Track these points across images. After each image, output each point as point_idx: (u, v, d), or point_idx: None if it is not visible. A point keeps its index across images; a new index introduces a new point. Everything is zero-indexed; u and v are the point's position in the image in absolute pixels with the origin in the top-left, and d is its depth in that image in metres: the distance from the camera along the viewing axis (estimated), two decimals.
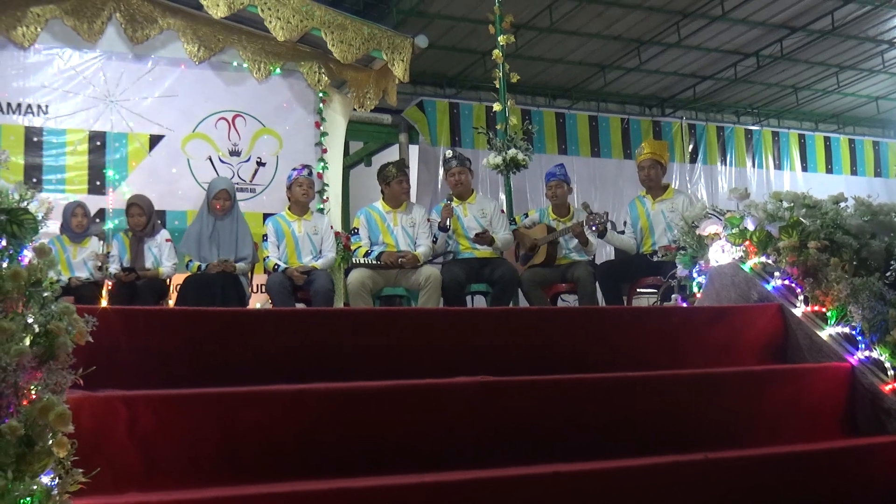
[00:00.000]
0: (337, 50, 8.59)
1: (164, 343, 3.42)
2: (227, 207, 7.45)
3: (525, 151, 8.18)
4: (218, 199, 7.41)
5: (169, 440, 2.84)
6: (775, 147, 16.36)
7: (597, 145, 14.96)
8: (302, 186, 7.40)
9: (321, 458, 3.01)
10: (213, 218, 7.41)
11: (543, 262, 7.30)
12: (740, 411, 3.69)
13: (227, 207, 7.45)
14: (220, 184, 7.61)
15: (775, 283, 4.46)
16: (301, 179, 7.41)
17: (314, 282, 6.96)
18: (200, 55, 8.59)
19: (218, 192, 7.45)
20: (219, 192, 7.45)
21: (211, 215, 7.42)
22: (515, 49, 11.52)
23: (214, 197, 7.43)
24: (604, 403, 3.49)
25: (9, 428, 2.23)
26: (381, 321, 4.00)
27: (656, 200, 7.11)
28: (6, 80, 8.09)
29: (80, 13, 8.17)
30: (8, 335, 2.37)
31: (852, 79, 15.71)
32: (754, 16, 13.16)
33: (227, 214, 7.44)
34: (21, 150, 8.03)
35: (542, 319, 4.29)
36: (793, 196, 4.72)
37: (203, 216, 7.47)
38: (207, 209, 7.46)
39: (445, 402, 3.28)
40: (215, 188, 7.51)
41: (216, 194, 7.44)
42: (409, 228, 7.13)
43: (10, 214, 2.69)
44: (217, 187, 7.52)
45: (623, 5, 12.59)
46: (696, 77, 15.41)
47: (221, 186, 7.54)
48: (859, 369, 3.88)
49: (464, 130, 13.76)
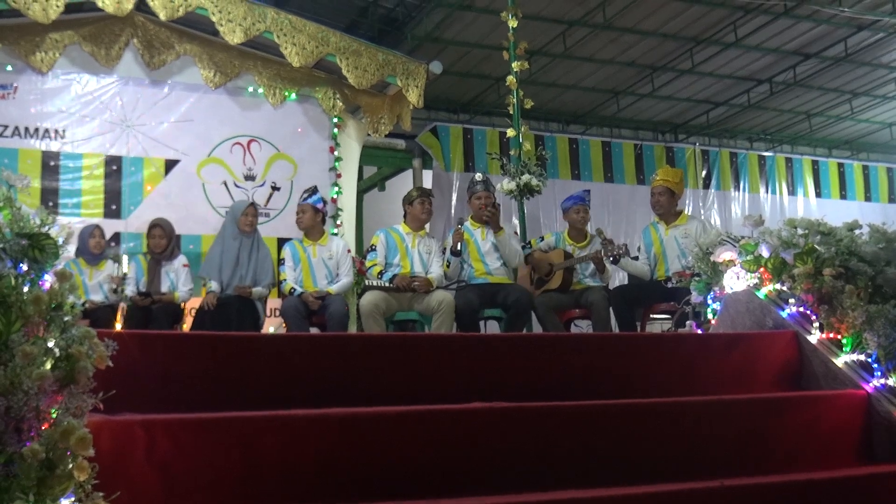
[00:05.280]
0: (352, 76, 8.65)
1: (182, 367, 3.43)
2: (255, 224, 7.54)
3: (539, 177, 8.19)
4: (247, 216, 7.48)
5: (187, 464, 2.85)
6: (789, 173, 16.34)
7: (610, 171, 14.98)
8: (297, 213, 7.51)
9: (338, 482, 3.02)
10: (237, 240, 7.44)
11: (559, 287, 7.29)
12: (756, 438, 3.68)
13: (255, 224, 7.54)
14: (243, 202, 7.74)
15: (790, 310, 4.44)
16: (304, 207, 7.48)
17: (329, 306, 6.97)
18: (216, 80, 8.65)
19: (247, 209, 7.53)
20: (247, 208, 7.54)
21: (234, 238, 7.45)
22: (529, 75, 11.60)
23: (243, 213, 7.49)
24: (619, 430, 3.48)
25: (30, 451, 2.25)
26: (395, 346, 4.01)
27: (670, 226, 7.11)
28: (24, 104, 8.16)
29: (98, 39, 8.25)
30: (29, 359, 2.39)
31: (866, 105, 15.74)
32: (767, 42, 13.22)
33: (252, 233, 7.50)
34: (38, 174, 8.08)
35: (556, 345, 4.29)
36: (807, 223, 4.71)
37: (225, 238, 7.50)
38: (233, 230, 7.49)
39: (461, 427, 3.28)
40: (242, 205, 7.62)
41: (245, 210, 7.51)
42: (425, 254, 7.14)
43: (31, 239, 2.72)
44: (244, 203, 7.65)
45: (637, 32, 12.67)
46: (710, 103, 15.45)
47: (248, 202, 7.68)
48: (875, 397, 3.86)
49: (477, 156, 13.80)
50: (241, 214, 7.50)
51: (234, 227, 7.52)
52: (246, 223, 7.48)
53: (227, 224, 7.63)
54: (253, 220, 7.54)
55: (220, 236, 7.58)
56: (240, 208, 7.58)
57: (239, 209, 7.57)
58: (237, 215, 7.53)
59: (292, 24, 8.44)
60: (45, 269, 2.73)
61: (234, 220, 7.55)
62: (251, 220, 7.52)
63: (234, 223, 7.53)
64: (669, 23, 12.54)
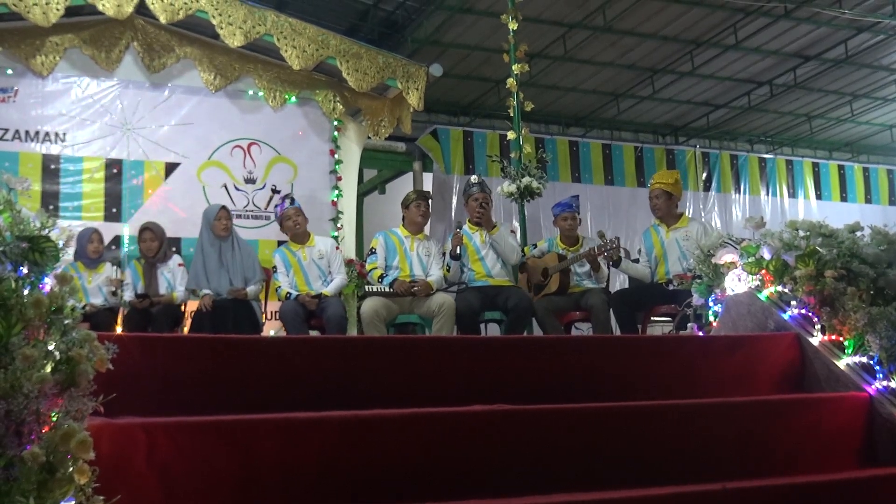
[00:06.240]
0: (352, 78, 8.64)
1: (182, 370, 3.42)
2: (230, 227, 7.51)
3: (539, 179, 8.20)
4: (220, 220, 7.45)
5: (187, 467, 2.84)
6: (789, 175, 16.33)
7: (610, 173, 14.97)
8: (290, 219, 7.48)
9: (339, 485, 3.01)
10: (214, 246, 7.41)
11: (557, 290, 7.29)
12: (757, 441, 3.67)
13: (230, 227, 7.51)
14: (215, 206, 7.67)
15: (792, 313, 4.44)
16: (288, 212, 7.48)
17: (327, 309, 6.97)
18: (217, 84, 8.65)
19: (218, 213, 7.49)
20: (219, 213, 7.49)
21: (212, 244, 7.42)
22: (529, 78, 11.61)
23: (216, 218, 7.45)
24: (620, 432, 3.48)
25: (31, 455, 2.24)
26: (396, 349, 4.00)
27: (670, 229, 7.11)
28: (25, 108, 8.16)
29: (99, 42, 8.24)
30: (30, 362, 2.38)
31: (866, 107, 15.75)
32: (768, 45, 13.22)
33: (229, 236, 7.48)
34: (38, 177, 8.07)
35: (557, 347, 4.29)
36: (809, 225, 4.71)
37: (203, 246, 7.46)
38: (209, 235, 7.46)
39: (462, 430, 3.27)
40: (214, 209, 7.56)
41: (217, 215, 7.47)
42: (424, 257, 7.14)
43: (31, 242, 2.71)
44: (215, 208, 7.58)
45: (637, 34, 12.68)
46: (710, 105, 15.46)
47: (218, 206, 7.61)
48: (877, 399, 3.85)
49: (478, 158, 13.79)
50: (213, 219, 7.45)
51: (209, 232, 7.47)
52: (220, 227, 7.44)
53: (202, 232, 7.57)
54: (227, 223, 7.49)
55: (199, 245, 7.54)
56: (212, 213, 7.52)
57: (211, 214, 7.52)
58: (210, 220, 7.48)
59: (292, 27, 8.43)
60: (46, 273, 2.73)
61: (208, 225, 7.50)
62: (225, 223, 7.48)
63: (208, 229, 7.49)
64: (669, 25, 12.55)
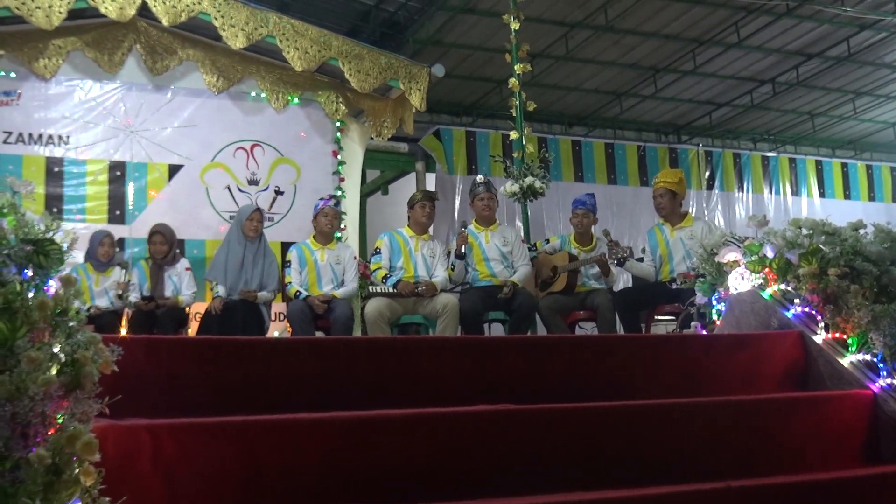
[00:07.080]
0: (354, 79, 8.64)
1: (187, 372, 3.43)
2: (260, 230, 7.59)
3: (542, 179, 8.19)
4: (251, 220, 7.53)
5: (192, 468, 2.85)
6: (792, 173, 16.32)
7: (613, 173, 14.97)
8: (327, 217, 7.48)
9: (343, 485, 3.02)
10: (242, 245, 7.48)
11: (563, 289, 7.28)
12: (762, 439, 3.67)
13: (260, 230, 7.59)
14: (249, 207, 7.81)
15: (795, 311, 4.44)
16: (327, 210, 7.49)
17: (334, 310, 6.98)
18: (219, 85, 8.66)
19: (252, 213, 7.57)
20: (252, 213, 7.58)
21: (240, 242, 7.49)
22: (532, 77, 11.60)
23: (248, 218, 7.53)
24: (625, 431, 3.48)
25: (37, 457, 2.25)
26: (400, 349, 4.00)
27: (675, 228, 7.10)
28: (28, 111, 8.16)
29: (101, 45, 8.24)
30: (35, 364, 2.39)
31: (869, 105, 15.73)
32: (770, 43, 13.21)
33: (257, 238, 7.54)
34: (42, 180, 8.09)
35: (561, 347, 4.29)
36: (812, 223, 4.70)
37: (231, 243, 7.55)
38: (238, 234, 7.53)
39: (466, 430, 3.27)
40: (248, 209, 7.67)
41: (250, 215, 7.56)
42: (429, 257, 7.15)
43: (36, 245, 2.72)
44: (250, 208, 7.70)
45: (639, 33, 12.67)
46: (712, 104, 15.45)
47: (254, 208, 7.73)
48: (881, 397, 3.85)
49: (480, 158, 13.80)
50: (245, 219, 7.54)
51: (239, 231, 7.55)
52: (250, 228, 7.51)
53: (232, 228, 7.69)
54: (258, 226, 7.57)
55: (226, 241, 7.63)
56: (245, 213, 7.62)
57: (244, 214, 7.61)
58: (242, 220, 7.57)
59: (294, 29, 8.44)
60: (50, 275, 2.74)
61: (239, 224, 7.59)
62: (255, 224, 7.55)
63: (238, 228, 7.57)
64: (671, 24, 12.54)
